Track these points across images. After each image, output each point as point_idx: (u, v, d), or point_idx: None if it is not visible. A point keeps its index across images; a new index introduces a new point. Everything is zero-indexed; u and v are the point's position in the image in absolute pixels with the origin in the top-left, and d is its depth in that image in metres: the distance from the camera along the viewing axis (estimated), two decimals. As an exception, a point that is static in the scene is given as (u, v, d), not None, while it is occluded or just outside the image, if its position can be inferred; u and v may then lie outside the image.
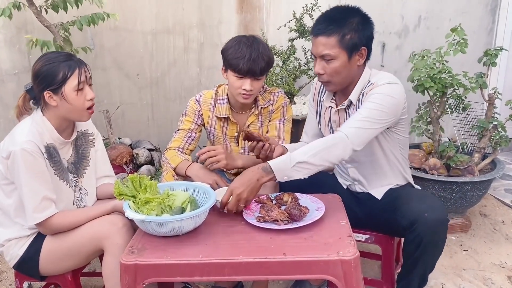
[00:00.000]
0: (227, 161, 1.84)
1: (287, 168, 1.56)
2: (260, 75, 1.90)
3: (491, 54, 2.49)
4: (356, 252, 1.40)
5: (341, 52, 1.71)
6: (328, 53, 1.71)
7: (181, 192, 1.69)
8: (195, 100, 2.09)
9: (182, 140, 2.05)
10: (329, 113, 1.94)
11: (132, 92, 3.22)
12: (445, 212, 1.67)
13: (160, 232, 1.51)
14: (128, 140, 2.84)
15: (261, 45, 1.90)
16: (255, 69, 1.86)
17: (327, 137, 1.67)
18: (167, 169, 1.97)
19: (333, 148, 1.61)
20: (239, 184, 1.55)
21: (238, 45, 1.88)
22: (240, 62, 1.86)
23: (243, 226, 1.60)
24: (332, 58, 1.71)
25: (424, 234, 1.64)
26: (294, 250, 1.42)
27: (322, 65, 1.75)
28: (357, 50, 1.73)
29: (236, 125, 2.08)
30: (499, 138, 2.65)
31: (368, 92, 1.76)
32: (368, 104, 1.71)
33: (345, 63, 1.73)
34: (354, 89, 1.81)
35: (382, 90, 1.72)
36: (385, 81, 1.74)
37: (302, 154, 1.57)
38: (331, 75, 1.74)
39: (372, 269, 2.42)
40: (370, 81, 1.79)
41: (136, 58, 3.17)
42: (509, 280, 2.29)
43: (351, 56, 1.73)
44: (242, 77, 1.89)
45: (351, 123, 1.67)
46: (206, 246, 1.47)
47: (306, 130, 2.07)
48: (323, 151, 1.59)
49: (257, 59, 1.85)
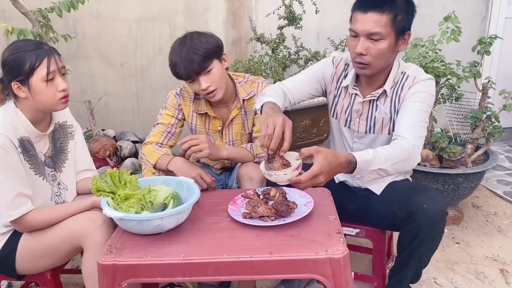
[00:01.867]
0: (211, 151, 1.73)
1: (367, 169, 1.46)
2: (204, 69, 1.76)
3: (485, 43, 2.43)
4: (345, 250, 1.34)
5: (391, 33, 1.58)
6: (379, 31, 1.56)
7: (163, 188, 1.62)
8: (175, 94, 1.98)
9: (161, 135, 1.95)
10: (349, 100, 1.81)
11: (116, 82, 3.11)
12: (444, 204, 1.61)
13: (140, 230, 1.43)
14: (112, 132, 2.75)
15: (194, 40, 1.76)
16: (193, 67, 1.74)
17: (403, 147, 1.54)
18: (145, 168, 1.88)
19: (408, 160, 1.54)
20: (325, 170, 1.36)
21: (172, 55, 1.79)
22: (176, 69, 1.78)
23: (228, 222, 1.53)
24: (381, 38, 1.57)
25: (422, 226, 1.59)
26: (280, 248, 1.35)
27: (367, 45, 1.59)
28: (403, 34, 1.63)
29: (219, 119, 1.98)
30: (492, 128, 2.60)
31: (408, 85, 1.68)
32: (418, 104, 1.64)
33: (392, 46, 1.61)
34: (388, 79, 1.71)
35: (426, 87, 1.66)
36: (425, 76, 1.68)
37: (384, 161, 1.47)
38: (376, 57, 1.60)
39: (362, 263, 2.37)
40: (405, 73, 1.71)
41: (120, 47, 3.07)
42: (501, 274, 2.25)
43: (398, 39, 1.61)
44: (191, 81, 1.81)
45: (412, 129, 1.60)
46: (189, 245, 1.40)
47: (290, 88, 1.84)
48: (400, 162, 1.52)
49: (189, 56, 1.73)
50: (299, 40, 2.98)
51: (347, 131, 1.86)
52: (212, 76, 1.79)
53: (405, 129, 1.60)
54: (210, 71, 1.78)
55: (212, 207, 1.65)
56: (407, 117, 1.62)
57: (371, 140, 1.81)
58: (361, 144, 1.83)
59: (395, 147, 1.54)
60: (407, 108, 1.65)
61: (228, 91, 1.91)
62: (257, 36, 2.86)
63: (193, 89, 1.84)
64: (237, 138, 2.00)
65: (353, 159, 1.43)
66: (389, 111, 1.73)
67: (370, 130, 1.79)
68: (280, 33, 2.91)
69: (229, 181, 2.11)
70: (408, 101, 1.66)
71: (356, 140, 1.85)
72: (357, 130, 1.81)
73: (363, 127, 1.80)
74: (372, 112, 1.76)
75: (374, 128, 1.78)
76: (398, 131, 1.62)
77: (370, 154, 1.46)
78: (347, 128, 1.85)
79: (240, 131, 1.99)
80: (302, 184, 1.37)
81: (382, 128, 1.76)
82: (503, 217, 2.82)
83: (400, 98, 1.70)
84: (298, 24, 2.89)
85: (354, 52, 1.62)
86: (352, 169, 1.44)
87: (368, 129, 1.79)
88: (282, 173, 1.40)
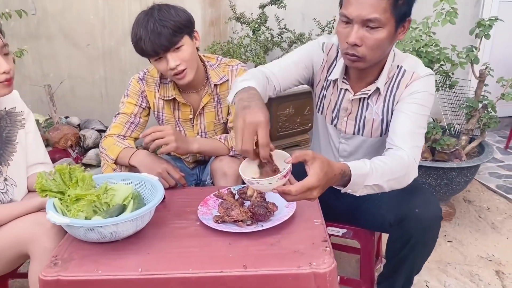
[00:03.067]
0: (178, 144, 1.50)
1: (361, 184, 1.23)
2: (173, 44, 1.54)
3: (484, 25, 2.23)
4: (332, 262, 1.14)
5: (391, 19, 1.32)
6: (377, 17, 1.29)
7: (122, 186, 1.41)
8: (138, 79, 1.75)
9: (123, 126, 1.72)
10: (337, 95, 1.56)
11: (82, 65, 2.85)
12: (438, 208, 1.43)
13: (91, 238, 1.22)
14: (77, 119, 2.50)
15: (162, 11, 1.55)
16: (161, 42, 1.51)
17: (402, 161, 1.31)
18: (105, 163, 1.65)
19: (405, 177, 1.31)
20: (322, 183, 1.09)
21: (135, 28, 1.56)
22: (141, 44, 1.54)
23: (197, 228, 1.32)
24: (380, 25, 1.31)
25: (413, 232, 1.41)
26: (256, 260, 1.15)
27: (362, 34, 1.32)
28: (403, 21, 1.37)
29: (190, 107, 1.75)
30: (488, 119, 2.43)
31: (405, 83, 1.44)
32: (416, 107, 1.40)
33: (391, 35, 1.34)
34: (382, 73, 1.46)
35: (426, 86, 1.42)
36: (425, 72, 1.43)
37: (380, 176, 1.24)
38: (372, 48, 1.34)
39: (349, 264, 2.19)
40: (402, 67, 1.47)
41: (85, 25, 2.79)
42: (497, 276, 2.09)
43: (398, 27, 1.36)
44: (158, 59, 1.58)
45: (410, 139, 1.36)
46: (149, 256, 1.19)
47: (275, 72, 1.52)
48: (397, 178, 1.29)
49: (156, 29, 1.51)
50: (283, 21, 2.75)
51: (333, 130, 1.64)
52: (182, 53, 1.56)
53: (402, 138, 1.36)
54: (180, 48, 1.56)
55: (180, 208, 1.44)
56: (404, 123, 1.39)
57: (359, 142, 1.60)
58: (348, 146, 1.62)
59: (393, 160, 1.30)
60: (403, 111, 1.41)
61: (199, 74, 1.69)
62: (236, 15, 2.62)
63: (159, 69, 1.61)
64: (210, 128, 1.78)
65: (348, 171, 1.18)
66: (381, 112, 1.50)
67: (358, 132, 1.57)
68: (261, 12, 2.66)
69: (203, 176, 1.89)
70: (404, 102, 1.43)
71: (342, 141, 1.63)
72: (344, 130, 1.59)
73: (351, 128, 1.58)
74: (362, 112, 1.54)
75: (363, 130, 1.56)
76: (393, 140, 1.38)
77: (367, 166, 1.23)
78: (333, 127, 1.63)
79: (213, 121, 1.77)
80: (292, 197, 1.09)
81: (372, 131, 1.54)
82: (496, 212, 2.67)
83: (395, 98, 1.47)
84: (282, 3, 2.66)
85: (346, 42, 1.36)
86: (345, 183, 1.20)
87: (356, 130, 1.57)
88: (267, 181, 1.10)
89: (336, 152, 1.66)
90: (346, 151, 1.63)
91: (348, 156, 1.64)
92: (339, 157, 1.66)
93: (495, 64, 3.34)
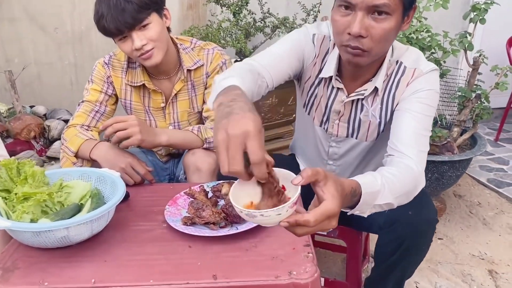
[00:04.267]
0: (143, 136, 1.33)
1: (371, 203, 1.01)
2: (139, 22, 1.38)
3: (479, 9, 2.09)
4: (315, 271, 1.01)
5: (400, 6, 1.11)
6: (387, 2, 1.07)
7: (80, 183, 1.25)
8: (103, 63, 1.58)
9: (87, 115, 1.55)
10: (328, 95, 1.36)
11: (49, 50, 2.64)
12: (434, 210, 1.30)
13: (39, 244, 1.06)
14: (43, 109, 2.31)
15: None
16: (124, 19, 1.35)
17: (413, 173, 1.12)
18: (64, 156, 1.48)
19: (414, 190, 1.12)
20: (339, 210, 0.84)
21: (97, 4, 1.39)
22: (103, 22, 1.37)
23: (163, 231, 1.17)
24: (389, 12, 1.09)
25: (405, 237, 1.27)
26: (229, 269, 1.01)
27: (368, 24, 1.10)
28: (410, 9, 1.16)
29: (161, 94, 1.59)
30: (481, 110, 2.30)
31: (407, 82, 1.26)
32: (421, 107, 1.21)
33: (398, 25, 1.14)
34: (380, 71, 1.27)
35: (430, 83, 1.23)
36: (428, 68, 1.25)
37: (389, 195, 1.03)
38: (379, 40, 1.13)
39: (334, 263, 2.06)
40: (402, 63, 1.28)
41: (53, 8, 2.57)
42: (490, 275, 1.98)
43: (404, 16, 1.15)
44: (122, 38, 1.42)
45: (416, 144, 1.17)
46: (105, 264, 1.04)
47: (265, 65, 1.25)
48: (407, 193, 1.10)
49: (120, 4, 1.34)
50: (266, 4, 2.58)
51: (322, 132, 1.45)
52: (149, 32, 1.40)
53: (407, 144, 1.17)
54: (147, 26, 1.40)
55: (146, 208, 1.29)
56: (408, 125, 1.20)
57: (351, 145, 1.43)
58: (339, 149, 1.45)
59: (402, 171, 1.11)
60: (407, 111, 1.23)
61: (170, 57, 1.52)
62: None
63: (125, 50, 1.43)
64: (184, 118, 1.62)
65: (358, 189, 0.95)
66: (379, 114, 1.32)
67: (352, 135, 1.40)
68: (243, -6, 2.49)
69: (177, 171, 1.73)
70: (407, 101, 1.24)
71: (333, 144, 1.46)
72: (336, 134, 1.41)
73: (343, 131, 1.40)
74: (356, 114, 1.35)
75: (358, 133, 1.38)
76: (397, 146, 1.18)
77: (378, 181, 1.02)
78: (323, 129, 1.44)
79: (186, 110, 1.61)
80: (307, 230, 0.82)
81: (368, 134, 1.37)
82: (488, 208, 2.56)
83: (395, 98, 1.29)
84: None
85: (347, 33, 1.13)
86: (354, 204, 0.96)
87: (350, 133, 1.39)
88: (275, 212, 0.79)
89: (325, 155, 1.49)
90: (336, 154, 1.46)
91: (338, 159, 1.48)
92: (328, 160, 1.50)
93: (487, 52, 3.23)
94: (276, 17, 2.57)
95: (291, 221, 0.80)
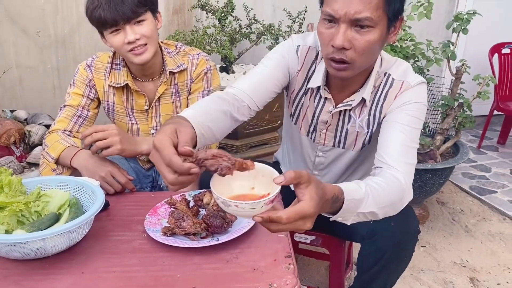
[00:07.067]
0: (124, 146, 1.32)
1: (354, 211, 1.01)
2: (136, 16, 1.39)
3: (462, 19, 2.12)
4: (295, 283, 1.00)
5: (383, 19, 1.11)
6: (368, 16, 1.08)
7: (58, 192, 1.22)
8: (85, 66, 1.56)
9: (69, 120, 1.53)
10: (315, 105, 1.36)
11: (31, 53, 2.60)
12: (416, 221, 1.30)
13: (14, 255, 1.03)
14: (24, 113, 2.27)
15: None
16: (123, 9, 1.35)
17: (400, 185, 1.11)
18: (44, 163, 1.45)
19: (400, 202, 1.11)
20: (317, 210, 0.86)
21: None
22: (98, 11, 1.36)
23: (143, 241, 1.15)
24: (371, 25, 1.10)
25: (387, 248, 1.28)
26: (209, 281, 1.00)
27: (351, 36, 1.11)
28: (396, 20, 1.16)
29: (144, 96, 1.57)
30: (464, 118, 2.33)
31: (394, 94, 1.25)
32: (409, 119, 1.21)
33: (383, 37, 1.14)
34: (368, 82, 1.26)
35: (418, 96, 1.24)
36: (416, 80, 1.25)
37: (375, 202, 1.04)
38: (362, 52, 1.12)
39: (318, 271, 2.06)
40: (390, 75, 1.27)
41: (35, 10, 2.54)
42: (471, 283, 2.00)
43: (389, 28, 1.15)
44: (116, 30, 1.41)
45: (404, 156, 1.16)
46: (82, 276, 1.02)
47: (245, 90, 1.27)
48: (393, 205, 1.09)
49: None
50: (252, 11, 2.58)
51: (308, 141, 1.45)
52: (143, 28, 1.41)
53: (394, 156, 1.16)
54: (142, 22, 1.41)
55: (126, 217, 1.27)
56: (396, 137, 1.20)
57: (337, 155, 1.43)
58: (325, 158, 1.45)
59: (389, 183, 1.10)
60: (395, 124, 1.22)
61: (156, 60, 1.52)
62: (201, 3, 2.44)
63: (114, 44, 1.42)
64: (166, 123, 1.60)
65: (340, 195, 0.95)
66: (366, 125, 1.33)
67: (338, 144, 1.40)
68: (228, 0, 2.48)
69: (159, 178, 1.71)
70: (395, 113, 1.24)
71: (320, 154, 1.45)
72: (323, 143, 1.42)
73: (330, 140, 1.40)
74: (343, 124, 1.35)
75: (344, 143, 1.38)
76: (384, 158, 1.17)
77: (362, 189, 1.02)
78: (309, 139, 1.44)
79: (170, 113, 1.60)
80: (279, 226, 0.84)
81: (355, 143, 1.37)
82: (470, 215, 2.58)
83: (383, 109, 1.29)
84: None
85: (330, 46, 1.14)
86: (336, 210, 0.97)
87: (336, 142, 1.40)
88: (249, 206, 0.83)
89: (311, 165, 1.48)
90: (322, 164, 1.46)
91: (323, 169, 1.48)
92: (313, 169, 1.49)
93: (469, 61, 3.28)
94: (262, 24, 2.57)
95: (265, 217, 0.83)
